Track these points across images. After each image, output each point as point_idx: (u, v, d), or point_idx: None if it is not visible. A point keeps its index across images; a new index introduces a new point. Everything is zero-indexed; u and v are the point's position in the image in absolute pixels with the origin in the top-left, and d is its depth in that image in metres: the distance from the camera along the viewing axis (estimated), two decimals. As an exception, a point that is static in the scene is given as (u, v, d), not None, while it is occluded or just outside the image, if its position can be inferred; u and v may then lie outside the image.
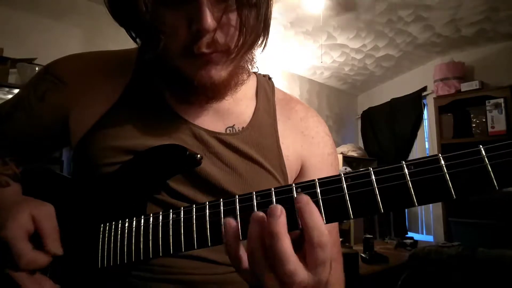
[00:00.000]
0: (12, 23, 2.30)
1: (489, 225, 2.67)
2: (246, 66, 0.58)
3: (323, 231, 0.36)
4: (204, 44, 0.48)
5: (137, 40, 0.53)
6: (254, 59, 0.59)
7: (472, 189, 0.33)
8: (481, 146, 0.33)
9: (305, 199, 0.37)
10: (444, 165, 0.34)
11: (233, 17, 0.49)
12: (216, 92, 0.55)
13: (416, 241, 3.03)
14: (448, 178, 0.34)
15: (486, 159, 0.33)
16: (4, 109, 0.67)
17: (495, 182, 0.32)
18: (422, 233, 3.75)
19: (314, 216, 0.36)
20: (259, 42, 0.54)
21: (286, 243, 0.36)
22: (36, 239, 0.51)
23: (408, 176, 0.35)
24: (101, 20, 2.69)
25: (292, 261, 0.36)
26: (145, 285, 0.53)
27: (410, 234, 3.61)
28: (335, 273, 0.60)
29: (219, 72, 0.52)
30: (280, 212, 0.36)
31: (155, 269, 0.53)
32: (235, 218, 0.41)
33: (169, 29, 0.48)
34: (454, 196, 0.33)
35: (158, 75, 0.60)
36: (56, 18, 2.49)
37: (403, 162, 0.36)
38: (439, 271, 2.01)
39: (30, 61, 2.21)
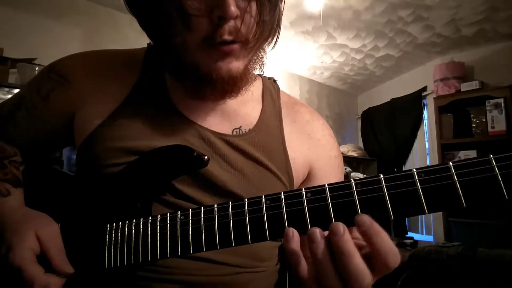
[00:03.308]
0: (12, 23, 2.30)
1: (489, 225, 2.68)
2: (258, 62, 0.58)
3: (397, 253, 0.36)
4: (226, 32, 0.48)
5: (153, 32, 0.54)
6: (265, 58, 0.59)
7: (482, 198, 0.33)
8: (491, 156, 0.33)
9: (368, 221, 0.36)
10: (454, 173, 0.34)
11: (253, 7, 0.49)
12: (233, 85, 0.54)
13: (416, 241, 3.03)
14: (459, 187, 0.34)
15: (496, 168, 0.33)
16: (5, 109, 0.65)
17: (505, 192, 0.32)
18: (422, 233, 3.75)
19: (385, 238, 0.36)
20: (272, 37, 0.55)
21: (359, 259, 0.36)
22: (43, 260, 0.51)
23: (418, 183, 0.35)
24: (101, 20, 2.70)
25: (368, 274, 0.36)
26: (149, 286, 0.53)
27: (410, 234, 3.61)
28: None
29: (237, 64, 0.52)
30: (343, 230, 0.36)
31: (160, 270, 0.53)
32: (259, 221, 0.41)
33: (190, 18, 0.48)
34: (464, 205, 0.33)
35: (171, 72, 0.60)
36: (56, 18, 2.49)
37: (414, 170, 0.36)
38: (439, 271, 2.02)
39: (30, 61, 2.21)
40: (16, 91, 2.09)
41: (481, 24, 2.92)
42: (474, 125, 3.16)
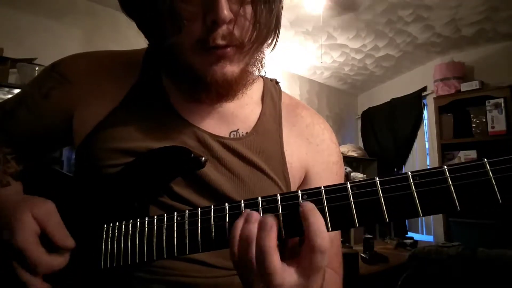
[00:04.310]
0: (12, 23, 2.29)
1: (489, 225, 2.68)
2: (256, 65, 0.58)
3: (326, 237, 0.37)
4: (219, 36, 0.47)
5: (149, 33, 0.54)
6: (264, 60, 0.58)
7: (476, 202, 0.33)
8: (485, 160, 0.33)
9: (310, 205, 0.39)
10: (449, 177, 0.34)
11: (248, 10, 0.49)
12: (228, 89, 0.54)
13: (416, 241, 3.04)
14: (453, 190, 0.34)
15: (490, 172, 0.33)
16: (8, 106, 0.66)
17: (498, 196, 0.32)
18: (422, 233, 3.75)
19: (319, 221, 0.38)
20: (270, 40, 0.54)
21: (275, 259, 0.37)
22: (44, 238, 0.51)
23: (413, 186, 0.35)
24: (101, 20, 2.69)
25: (279, 274, 0.38)
26: (145, 286, 0.53)
27: (410, 234, 3.61)
28: (332, 285, 0.60)
29: (231, 68, 0.51)
30: (270, 227, 0.38)
31: (156, 271, 0.53)
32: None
33: (183, 22, 0.47)
34: (459, 208, 0.33)
35: (167, 74, 0.60)
36: (56, 18, 2.49)
37: (409, 173, 0.36)
38: (439, 271, 2.01)
39: (30, 61, 2.20)
40: (16, 91, 2.09)
41: (481, 24, 2.92)
42: (474, 125, 3.16)
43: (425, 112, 3.80)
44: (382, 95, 4.34)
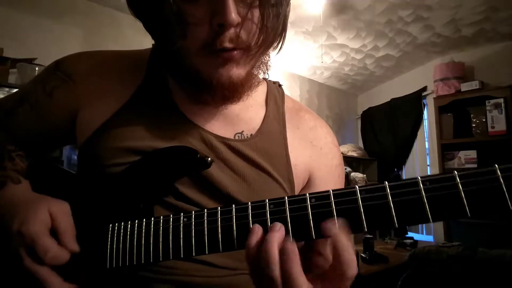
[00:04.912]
0: (12, 23, 2.29)
1: (489, 225, 2.68)
2: (262, 67, 0.58)
3: (355, 265, 0.37)
4: (226, 39, 0.47)
5: (155, 35, 0.54)
6: (269, 63, 0.59)
7: (486, 208, 0.33)
8: (496, 166, 0.33)
9: (335, 229, 0.37)
10: (459, 183, 0.34)
11: (256, 14, 0.49)
12: (233, 91, 0.54)
13: (416, 241, 3.04)
14: (464, 196, 0.33)
15: (501, 179, 0.32)
16: (9, 104, 0.66)
17: (509, 203, 0.32)
18: (422, 233, 3.76)
19: (349, 250, 0.37)
20: (276, 43, 0.55)
21: (303, 282, 0.37)
22: (53, 236, 0.51)
23: (423, 192, 0.35)
24: (101, 20, 2.69)
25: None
26: (147, 285, 0.53)
27: (410, 234, 3.61)
28: None
29: (238, 71, 0.51)
30: (295, 251, 0.37)
31: (159, 270, 0.53)
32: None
33: (189, 25, 0.47)
34: (469, 214, 0.33)
35: (172, 75, 0.60)
36: (56, 18, 2.48)
37: (419, 178, 0.36)
38: (439, 271, 2.01)
39: (30, 61, 2.20)
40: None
41: (481, 24, 2.92)
42: (474, 125, 3.16)
43: (425, 112, 3.80)
44: (382, 95, 4.34)
